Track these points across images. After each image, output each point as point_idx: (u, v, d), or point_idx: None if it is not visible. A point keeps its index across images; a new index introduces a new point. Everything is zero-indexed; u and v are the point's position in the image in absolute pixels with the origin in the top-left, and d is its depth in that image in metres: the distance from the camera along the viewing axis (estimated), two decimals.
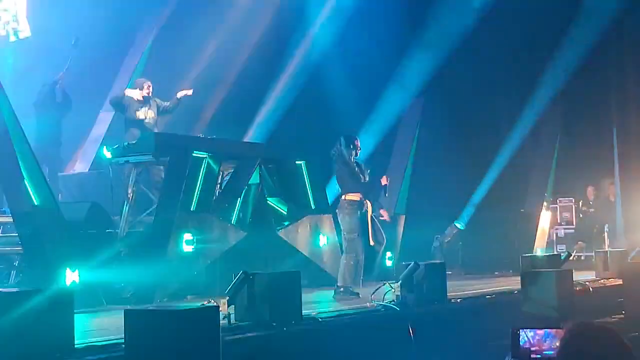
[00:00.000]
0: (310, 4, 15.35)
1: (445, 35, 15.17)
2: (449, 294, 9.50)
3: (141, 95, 12.00)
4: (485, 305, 9.91)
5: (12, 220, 9.27)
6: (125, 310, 5.73)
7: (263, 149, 12.45)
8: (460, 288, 10.82)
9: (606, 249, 13.46)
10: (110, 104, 12.41)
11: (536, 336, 4.67)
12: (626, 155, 16.37)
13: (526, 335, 4.67)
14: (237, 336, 6.70)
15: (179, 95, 12.27)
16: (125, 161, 11.07)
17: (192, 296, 10.16)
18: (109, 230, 10.44)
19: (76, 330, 5.94)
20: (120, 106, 12.12)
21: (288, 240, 11.73)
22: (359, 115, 14.88)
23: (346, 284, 9.90)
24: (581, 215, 17.16)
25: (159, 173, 11.21)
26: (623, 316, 10.50)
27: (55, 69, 12.85)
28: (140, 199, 11.10)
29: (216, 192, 11.30)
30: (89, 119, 14.25)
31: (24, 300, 5.58)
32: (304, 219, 12.08)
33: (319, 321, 7.67)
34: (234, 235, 10.93)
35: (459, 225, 15.95)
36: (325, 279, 11.51)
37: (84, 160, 13.87)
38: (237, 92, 14.97)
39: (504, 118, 16.81)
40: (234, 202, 11.24)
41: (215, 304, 6.41)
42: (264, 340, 6.91)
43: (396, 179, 14.23)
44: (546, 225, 16.64)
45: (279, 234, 11.67)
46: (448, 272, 10.28)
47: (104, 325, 7.54)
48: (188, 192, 10.50)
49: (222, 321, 6.41)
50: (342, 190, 10.22)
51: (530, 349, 4.67)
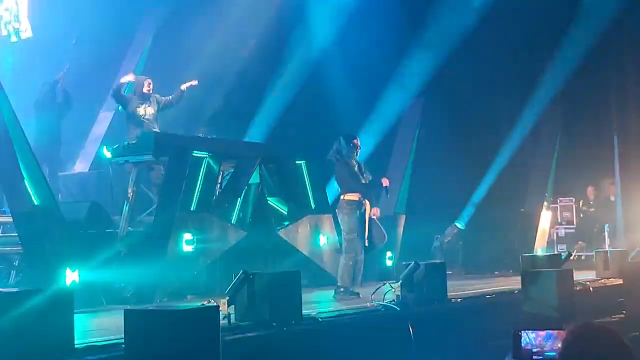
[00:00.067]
0: (311, 3, 15.34)
1: (445, 35, 15.17)
2: (449, 293, 9.50)
3: (140, 86, 11.90)
4: (485, 305, 9.91)
5: (12, 220, 9.27)
6: (125, 310, 5.73)
7: (263, 148, 12.45)
8: (460, 288, 10.81)
9: (606, 249, 13.45)
10: (112, 97, 12.34)
11: (538, 337, 4.67)
12: (626, 155, 16.37)
13: (528, 336, 4.67)
14: (237, 336, 6.69)
15: (183, 87, 12.14)
16: (125, 161, 11.07)
17: (192, 296, 10.15)
18: (109, 230, 10.44)
19: (76, 330, 5.93)
20: (120, 98, 12.02)
21: (288, 240, 11.73)
22: (359, 115, 14.88)
23: (345, 284, 9.89)
24: (581, 215, 17.16)
25: (159, 173, 11.20)
26: (623, 316, 10.50)
27: (56, 68, 12.85)
28: (140, 198, 11.10)
29: (216, 192, 11.30)
30: (89, 118, 14.25)
31: (24, 300, 5.57)
32: (304, 218, 12.08)
33: (319, 321, 7.66)
34: (234, 235, 10.93)
35: (459, 225, 15.95)
36: (325, 279, 11.51)
37: (84, 160, 13.87)
38: (237, 92, 14.97)
39: (504, 118, 16.81)
40: (234, 202, 11.23)
41: (215, 304, 6.40)
42: (264, 340, 6.90)
43: (396, 179, 14.21)
44: (546, 225, 16.63)
45: (279, 233, 11.66)
46: (448, 272, 10.27)
47: (104, 325, 7.53)
48: (188, 192, 10.49)
49: (222, 321, 6.41)
50: (342, 190, 10.21)
51: (531, 350, 4.66)
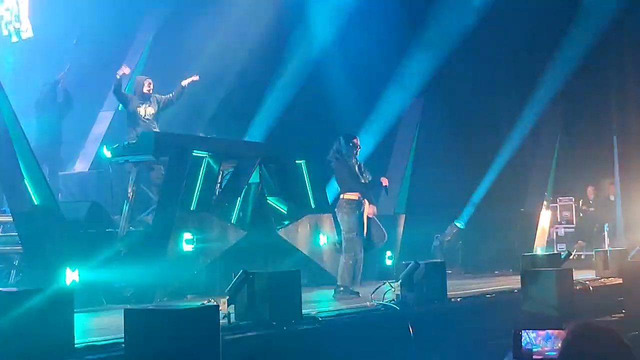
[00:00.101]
0: (311, 3, 15.34)
1: (445, 35, 15.16)
2: (449, 293, 9.50)
3: (140, 86, 11.87)
4: (485, 304, 9.92)
5: (12, 219, 9.27)
6: (125, 309, 5.73)
7: (263, 148, 12.45)
8: (460, 287, 10.81)
9: (606, 248, 13.46)
10: (113, 93, 12.29)
11: (538, 337, 4.66)
12: (626, 154, 16.39)
13: (528, 336, 4.66)
14: (237, 335, 6.70)
15: (184, 83, 12.04)
16: (125, 160, 11.07)
17: (192, 295, 10.15)
18: (109, 230, 10.44)
19: (76, 329, 5.93)
20: (120, 95, 11.93)
21: (288, 240, 11.73)
22: (359, 115, 14.88)
23: (345, 284, 9.90)
24: (581, 215, 17.17)
25: (159, 172, 11.20)
26: (623, 315, 10.50)
27: (56, 68, 12.84)
28: (141, 198, 11.10)
29: (216, 192, 11.30)
30: (89, 118, 14.24)
31: (24, 300, 5.57)
32: (304, 218, 12.08)
33: (319, 320, 7.66)
34: (234, 234, 10.93)
35: (459, 224, 15.95)
36: (325, 278, 11.51)
37: (84, 160, 13.86)
38: (237, 91, 14.96)
39: (504, 118, 16.82)
40: (234, 202, 11.24)
41: (215, 304, 6.40)
42: (264, 339, 6.90)
43: (396, 179, 14.21)
44: (546, 224, 16.64)
45: (279, 233, 11.67)
46: (448, 272, 10.28)
47: (104, 324, 7.53)
48: (188, 192, 10.50)
49: (222, 320, 6.41)
50: (341, 189, 10.21)
51: (532, 350, 4.66)
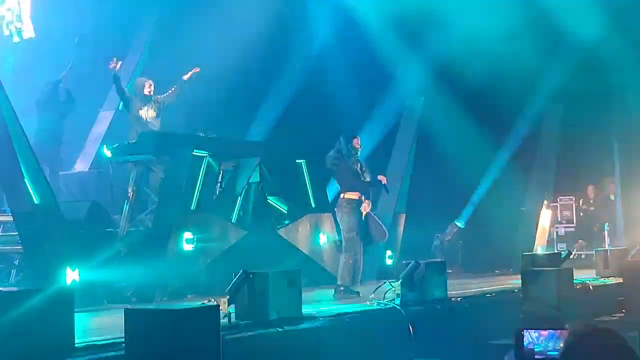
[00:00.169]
0: (311, 2, 15.34)
1: (445, 34, 15.14)
2: (449, 292, 9.50)
3: (141, 87, 11.86)
4: (485, 303, 9.91)
5: (12, 219, 9.27)
6: (126, 309, 5.73)
7: (263, 147, 12.44)
8: (460, 287, 10.82)
9: (606, 248, 13.46)
10: (115, 90, 12.25)
11: (540, 337, 4.65)
12: (626, 154, 16.38)
13: (530, 335, 4.65)
14: (238, 335, 6.70)
15: (186, 77, 11.97)
16: (125, 160, 11.07)
17: (193, 295, 10.15)
18: (109, 230, 10.45)
19: (76, 329, 5.94)
20: (122, 91, 11.87)
21: (288, 239, 11.73)
22: (359, 115, 14.87)
23: (345, 283, 9.90)
24: (581, 214, 17.18)
25: (159, 172, 11.19)
26: (623, 315, 10.49)
27: (57, 68, 12.83)
28: (141, 198, 11.10)
29: (216, 191, 11.30)
30: (90, 118, 14.23)
31: (24, 300, 5.58)
32: (304, 217, 12.08)
33: (319, 320, 7.66)
34: (234, 234, 10.93)
35: (459, 224, 15.95)
36: (325, 278, 11.51)
37: (85, 159, 13.85)
38: (238, 91, 14.96)
39: (505, 117, 16.79)
40: (234, 201, 11.24)
41: (215, 303, 6.40)
42: (264, 339, 6.90)
43: (396, 179, 14.22)
44: (546, 223, 16.64)
45: (279, 232, 11.67)
46: (448, 271, 10.27)
47: (104, 324, 7.53)
48: (188, 191, 10.50)
49: (223, 320, 6.41)
50: (342, 188, 10.21)
51: (534, 349, 4.65)
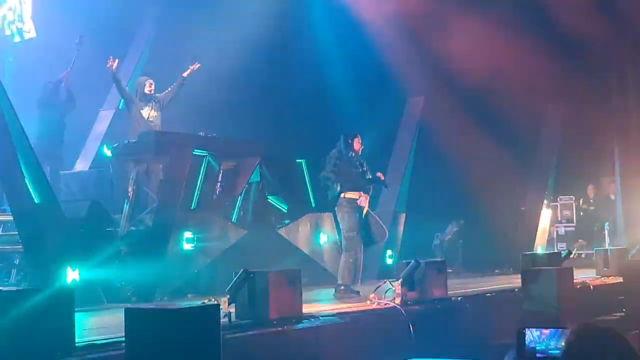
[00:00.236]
0: (312, 3, 15.34)
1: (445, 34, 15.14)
2: (449, 292, 9.50)
3: (141, 86, 11.84)
4: (485, 303, 9.91)
5: (13, 218, 9.27)
6: (126, 308, 5.72)
7: (263, 147, 12.44)
8: (460, 286, 10.82)
9: (606, 247, 13.47)
10: (116, 88, 12.24)
11: (542, 335, 4.65)
12: (626, 153, 16.37)
13: (532, 334, 4.65)
14: (238, 334, 6.70)
15: (185, 74, 11.97)
16: (125, 159, 11.06)
17: (193, 294, 10.15)
18: (110, 229, 10.44)
19: (77, 328, 5.93)
20: (122, 89, 11.85)
21: (288, 239, 11.74)
22: (359, 114, 14.86)
23: (346, 282, 9.90)
24: (582, 213, 17.19)
25: (159, 171, 11.20)
26: (623, 314, 10.50)
27: (58, 67, 12.82)
28: (141, 197, 11.10)
29: (216, 191, 11.30)
30: (90, 117, 14.24)
31: (24, 299, 5.57)
32: (305, 217, 12.09)
33: (320, 319, 7.67)
34: (235, 233, 10.93)
35: (459, 223, 15.94)
36: (325, 277, 11.52)
37: (85, 159, 13.86)
38: (238, 90, 14.96)
39: (505, 117, 16.79)
40: (235, 201, 11.25)
41: (215, 302, 6.40)
42: (264, 338, 6.91)
43: (396, 178, 14.23)
44: (547, 223, 16.64)
45: (279, 232, 11.68)
46: (448, 270, 10.27)
47: (104, 323, 7.53)
48: (188, 191, 10.50)
49: (223, 319, 6.41)
50: (342, 188, 10.20)
51: (535, 348, 4.65)
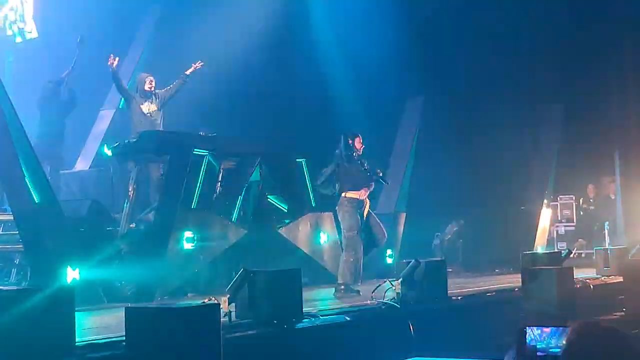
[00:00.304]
0: (313, 2, 15.34)
1: (445, 34, 15.16)
2: (449, 291, 9.50)
3: (142, 83, 11.83)
4: (485, 302, 9.91)
5: (13, 218, 9.28)
6: (126, 308, 5.74)
7: (264, 146, 12.44)
8: (460, 285, 10.82)
9: (606, 247, 13.45)
10: (115, 86, 12.22)
11: (543, 334, 4.65)
12: (627, 152, 16.37)
13: (533, 332, 4.65)
14: (238, 334, 6.70)
15: (188, 72, 11.92)
16: (125, 159, 11.06)
17: (193, 294, 10.16)
18: (110, 228, 10.45)
19: (77, 328, 5.93)
20: (122, 88, 11.85)
21: (289, 238, 11.73)
22: (359, 114, 14.86)
23: (346, 282, 9.91)
24: (582, 213, 17.18)
25: (159, 171, 11.20)
26: (624, 314, 10.50)
27: (58, 67, 12.83)
28: (141, 196, 11.10)
29: (217, 190, 11.30)
30: (90, 116, 14.25)
31: (24, 299, 5.57)
32: (305, 216, 12.09)
33: (320, 319, 7.67)
34: (235, 232, 10.93)
35: (459, 223, 15.94)
36: (325, 277, 11.52)
37: (85, 158, 13.87)
38: (238, 90, 14.97)
39: (504, 116, 16.79)
40: (235, 200, 11.24)
41: (216, 302, 6.41)
42: (264, 337, 6.91)
43: (396, 178, 14.23)
44: (546, 222, 16.62)
45: (279, 231, 11.67)
46: (448, 270, 10.27)
47: (104, 323, 7.53)
48: (189, 190, 10.50)
49: (223, 319, 6.42)
50: (343, 188, 10.21)
51: (536, 346, 4.65)
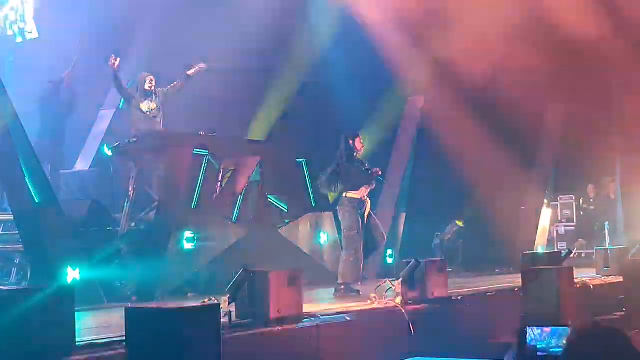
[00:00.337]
0: (313, 2, 15.33)
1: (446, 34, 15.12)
2: (449, 291, 9.50)
3: (142, 83, 11.81)
4: (485, 302, 9.91)
5: (13, 218, 9.28)
6: (127, 307, 5.74)
7: (264, 146, 12.45)
8: (460, 285, 10.82)
9: (607, 247, 13.45)
10: (115, 87, 12.21)
11: (543, 334, 4.66)
12: (627, 152, 16.36)
13: (533, 332, 4.66)
14: (238, 334, 6.71)
15: (190, 72, 11.90)
16: (126, 159, 11.06)
17: (193, 294, 10.16)
18: (110, 228, 10.46)
19: (77, 327, 5.94)
20: (121, 87, 11.82)
21: (289, 238, 11.74)
22: (359, 114, 14.86)
23: (346, 282, 9.91)
24: (582, 213, 17.17)
25: (159, 171, 11.20)
26: (624, 313, 10.50)
27: (58, 67, 12.84)
28: (141, 196, 11.11)
29: (216, 190, 11.30)
30: (90, 116, 14.25)
31: (25, 298, 5.57)
32: (305, 216, 12.09)
33: (320, 318, 7.67)
34: (235, 232, 10.94)
35: (459, 222, 15.94)
36: (325, 277, 11.52)
37: (85, 158, 13.87)
38: (239, 89, 14.96)
39: (505, 117, 16.78)
40: (235, 200, 11.24)
41: (216, 302, 6.41)
42: (264, 338, 6.91)
43: (396, 178, 14.23)
44: (547, 222, 16.63)
45: (279, 231, 11.68)
46: (449, 270, 10.27)
47: (105, 322, 7.54)
48: (189, 190, 10.50)
49: (223, 319, 6.41)
50: (344, 188, 10.21)
51: (536, 346, 4.66)
